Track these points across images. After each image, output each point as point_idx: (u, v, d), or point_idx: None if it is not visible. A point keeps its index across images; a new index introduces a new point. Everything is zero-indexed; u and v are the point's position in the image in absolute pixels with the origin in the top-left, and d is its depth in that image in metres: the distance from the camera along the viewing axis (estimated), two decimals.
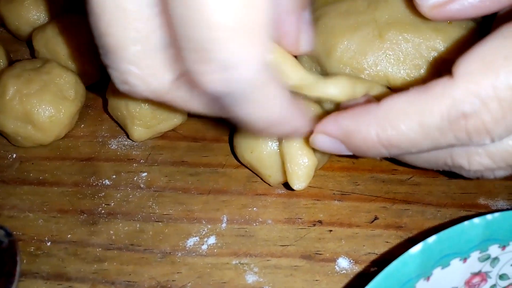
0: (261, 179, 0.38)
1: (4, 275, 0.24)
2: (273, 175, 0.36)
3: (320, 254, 0.35)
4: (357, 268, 0.34)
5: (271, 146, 0.35)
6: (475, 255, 0.26)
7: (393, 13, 0.37)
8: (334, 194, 0.38)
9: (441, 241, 0.25)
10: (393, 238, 0.35)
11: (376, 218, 0.36)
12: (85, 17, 0.42)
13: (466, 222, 0.25)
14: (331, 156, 0.40)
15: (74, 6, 0.49)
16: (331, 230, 0.36)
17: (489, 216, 0.26)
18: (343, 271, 0.34)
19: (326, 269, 0.34)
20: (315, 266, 0.34)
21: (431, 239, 0.25)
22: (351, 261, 0.34)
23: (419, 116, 0.23)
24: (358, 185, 0.38)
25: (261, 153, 0.36)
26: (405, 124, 0.24)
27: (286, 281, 0.33)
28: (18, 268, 0.24)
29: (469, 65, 0.23)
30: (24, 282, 0.34)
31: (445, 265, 0.26)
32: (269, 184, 0.38)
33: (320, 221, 0.36)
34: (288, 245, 0.35)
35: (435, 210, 0.37)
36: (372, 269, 0.34)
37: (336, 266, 0.34)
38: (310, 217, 0.37)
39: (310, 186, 0.38)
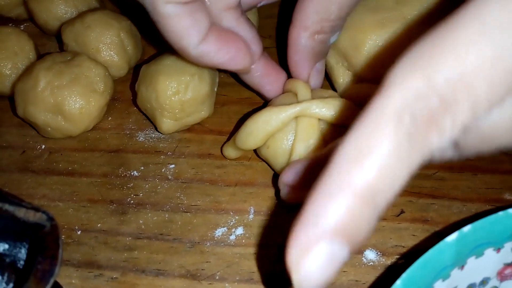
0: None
1: (48, 258, 0.24)
2: None
3: None
4: (384, 260, 0.34)
5: (286, 143, 0.36)
6: (508, 245, 0.26)
7: (422, 10, 0.37)
8: None
9: (476, 230, 0.25)
10: (419, 232, 0.36)
11: (402, 212, 0.37)
12: (112, 11, 0.43)
13: (501, 212, 0.26)
14: None
15: (100, 1, 0.49)
16: None
17: None
18: (370, 263, 0.34)
19: (354, 260, 0.34)
20: None
21: (467, 228, 0.25)
22: (378, 253, 0.35)
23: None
24: None
25: (276, 150, 0.36)
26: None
27: None
28: (60, 251, 0.25)
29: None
30: None
31: (479, 254, 0.26)
32: None
33: None
34: None
35: (461, 204, 0.37)
36: (399, 261, 0.34)
37: (363, 258, 0.34)
38: None
39: None
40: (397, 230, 0.36)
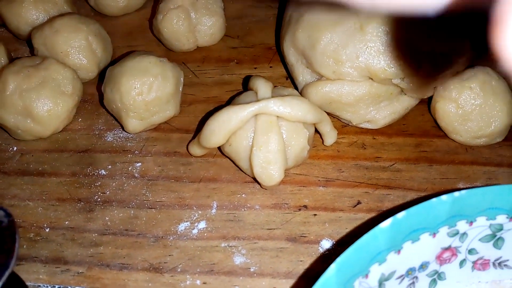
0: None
1: (4, 252, 0.26)
2: (249, 168, 0.38)
3: (305, 236, 0.36)
4: (340, 249, 0.36)
5: (247, 140, 0.37)
6: (444, 230, 0.28)
7: None
8: (319, 180, 0.39)
9: (410, 216, 0.26)
10: (375, 222, 0.37)
11: (359, 203, 0.38)
12: (81, 16, 0.44)
13: (434, 199, 0.27)
14: (317, 145, 0.41)
15: (71, 5, 0.51)
16: (315, 214, 0.38)
17: (456, 193, 0.27)
18: (326, 252, 0.36)
19: (310, 250, 0.36)
20: (300, 247, 0.36)
21: (400, 214, 0.26)
22: (334, 242, 0.36)
23: None
24: (342, 172, 0.40)
25: (238, 147, 0.38)
26: None
27: (272, 262, 0.35)
28: (17, 245, 0.26)
29: None
30: (24, 266, 0.36)
31: (415, 239, 0.27)
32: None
33: (305, 206, 0.38)
34: (274, 229, 0.37)
35: (416, 194, 0.38)
36: None
37: (319, 248, 0.36)
38: (295, 202, 0.38)
39: (296, 174, 0.40)
40: (353, 221, 0.37)
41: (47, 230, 0.38)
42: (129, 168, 0.41)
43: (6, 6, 0.48)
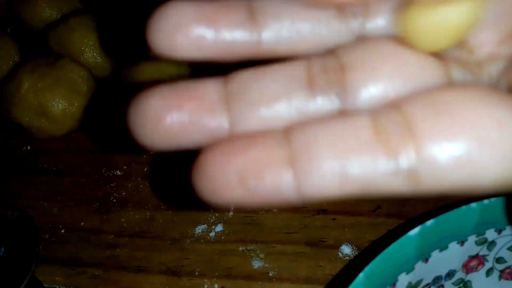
0: None
1: (25, 256, 0.25)
2: None
3: (324, 241, 0.36)
4: (360, 255, 0.35)
5: None
6: (472, 238, 0.27)
7: None
8: None
9: (439, 224, 0.26)
10: (395, 227, 0.36)
11: (378, 207, 0.37)
12: (96, 14, 0.43)
13: (463, 207, 0.26)
14: None
15: (86, 3, 0.50)
16: (334, 219, 0.37)
17: (486, 201, 0.27)
18: (346, 257, 0.35)
19: (330, 255, 0.35)
20: (319, 252, 0.35)
21: (429, 222, 0.26)
22: (354, 248, 0.35)
23: None
24: None
25: None
26: None
27: (290, 267, 0.35)
28: (37, 249, 0.26)
29: None
30: (40, 268, 0.35)
31: (443, 247, 0.27)
32: None
33: (324, 210, 0.37)
34: (293, 233, 0.36)
35: (437, 199, 0.38)
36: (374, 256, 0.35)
37: (339, 253, 0.35)
38: (314, 206, 0.38)
39: None
40: (373, 225, 0.36)
41: (63, 231, 0.37)
42: (145, 169, 0.40)
43: (20, 3, 0.48)
